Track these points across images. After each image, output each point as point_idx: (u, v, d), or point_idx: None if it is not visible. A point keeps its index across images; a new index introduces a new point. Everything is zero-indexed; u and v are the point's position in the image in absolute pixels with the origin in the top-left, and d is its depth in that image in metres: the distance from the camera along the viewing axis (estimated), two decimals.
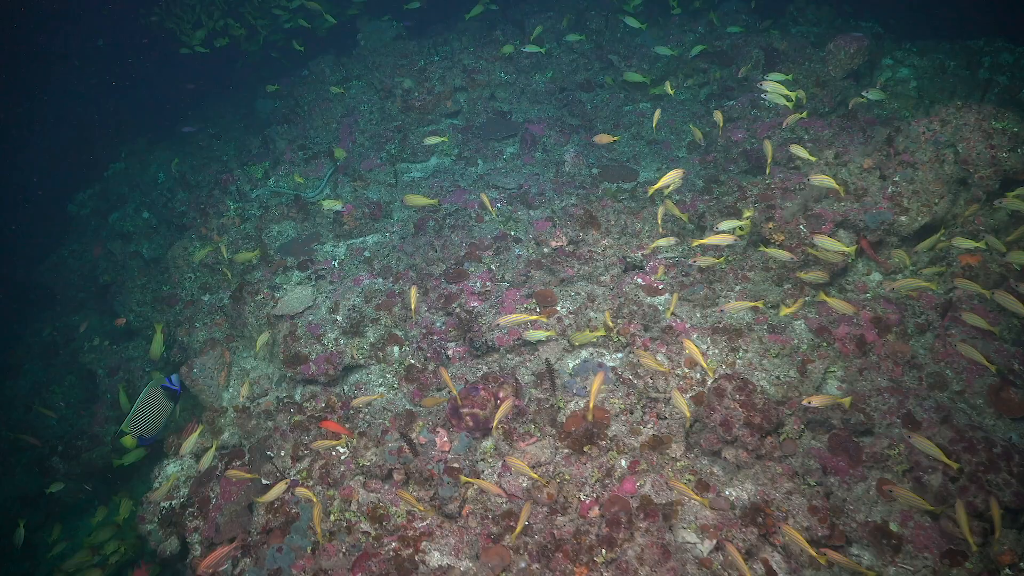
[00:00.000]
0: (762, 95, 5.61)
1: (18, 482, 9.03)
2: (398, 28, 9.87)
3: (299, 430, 4.63)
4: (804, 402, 3.87)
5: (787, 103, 5.40)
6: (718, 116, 5.75)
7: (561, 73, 8.55)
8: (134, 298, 8.18)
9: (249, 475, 4.20)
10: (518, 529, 3.46)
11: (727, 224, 4.86)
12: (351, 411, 4.78)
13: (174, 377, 5.21)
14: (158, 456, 5.45)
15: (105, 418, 7.74)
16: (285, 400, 5.24)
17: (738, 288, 5.23)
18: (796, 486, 3.99)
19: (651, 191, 5.33)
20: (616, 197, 6.48)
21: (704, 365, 4.08)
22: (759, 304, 4.41)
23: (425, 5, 10.77)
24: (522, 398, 4.45)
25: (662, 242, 5.04)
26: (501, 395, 4.31)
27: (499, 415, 3.88)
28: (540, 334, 4.73)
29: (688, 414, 3.91)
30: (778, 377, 4.64)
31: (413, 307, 4.92)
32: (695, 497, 3.54)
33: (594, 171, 7.12)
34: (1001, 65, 7.82)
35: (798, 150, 5.17)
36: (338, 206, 6.35)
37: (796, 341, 4.79)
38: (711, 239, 4.94)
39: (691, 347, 4.11)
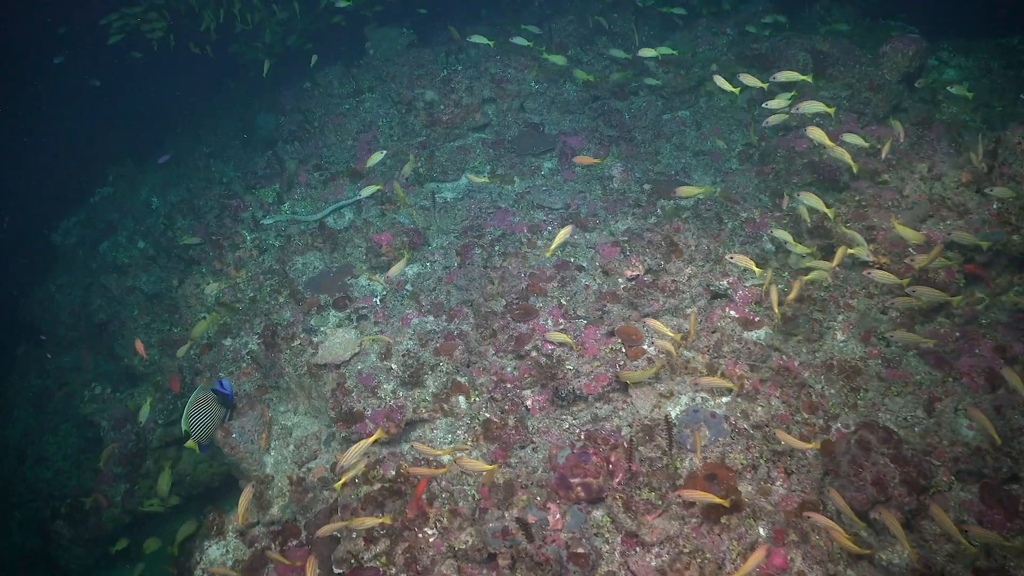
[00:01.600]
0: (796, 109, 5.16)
1: (13, 540, 8.22)
2: (409, 35, 9.25)
3: (371, 505, 4.02)
4: None
5: (851, 164, 4.94)
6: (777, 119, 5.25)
7: (593, 80, 8.03)
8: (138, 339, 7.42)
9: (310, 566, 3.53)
10: None
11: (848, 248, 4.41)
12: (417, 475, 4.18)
13: (225, 382, 4.86)
14: (197, 535, 4.77)
15: (113, 476, 6.97)
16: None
17: (841, 318, 4.77)
18: (957, 547, 3.54)
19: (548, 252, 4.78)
20: (679, 216, 5.99)
21: None
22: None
23: (428, 11, 10.21)
24: (634, 459, 3.91)
25: (739, 259, 4.52)
26: (613, 459, 3.76)
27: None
28: (637, 375, 4.19)
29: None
30: (905, 419, 4.19)
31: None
32: None
33: (646, 187, 6.62)
34: None
35: (842, 154, 4.79)
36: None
37: (918, 376, 4.35)
38: (817, 263, 4.47)
39: None
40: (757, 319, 4.78)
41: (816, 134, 4.95)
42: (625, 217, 6.19)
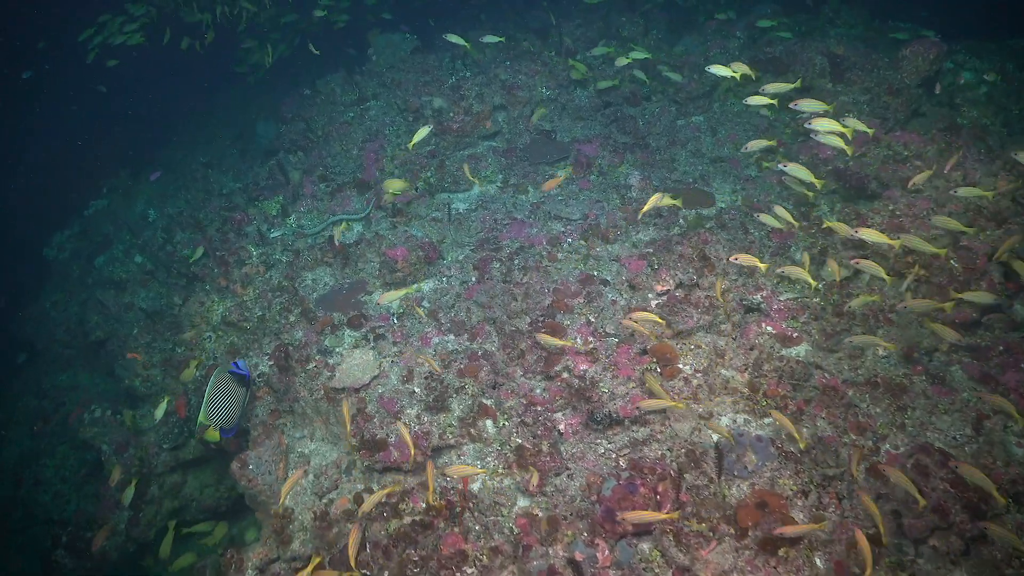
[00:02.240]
0: (813, 135, 4.94)
1: (12, 567, 7.92)
2: (412, 41, 9.04)
3: (404, 542, 3.80)
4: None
5: (845, 147, 4.77)
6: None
7: (605, 86, 7.85)
8: (138, 360, 7.15)
9: None
10: None
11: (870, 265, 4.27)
12: (463, 505, 3.97)
13: (240, 362, 4.78)
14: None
15: (115, 502, 6.69)
16: (364, 494, 4.39)
17: (880, 332, 4.61)
18: (1018, 572, 3.39)
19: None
20: (702, 226, 5.83)
21: None
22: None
23: (428, 16, 10.00)
24: (681, 489, 3.73)
25: (791, 270, 4.37)
26: (660, 490, 3.58)
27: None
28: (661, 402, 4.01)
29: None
30: (954, 438, 4.04)
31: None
32: None
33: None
34: None
35: (830, 139, 4.63)
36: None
37: (965, 393, 4.20)
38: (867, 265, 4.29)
39: None
40: (795, 335, 4.61)
41: (821, 123, 4.77)
42: (647, 227, 6.02)
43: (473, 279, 5.80)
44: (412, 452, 4.23)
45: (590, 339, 4.76)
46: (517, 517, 3.80)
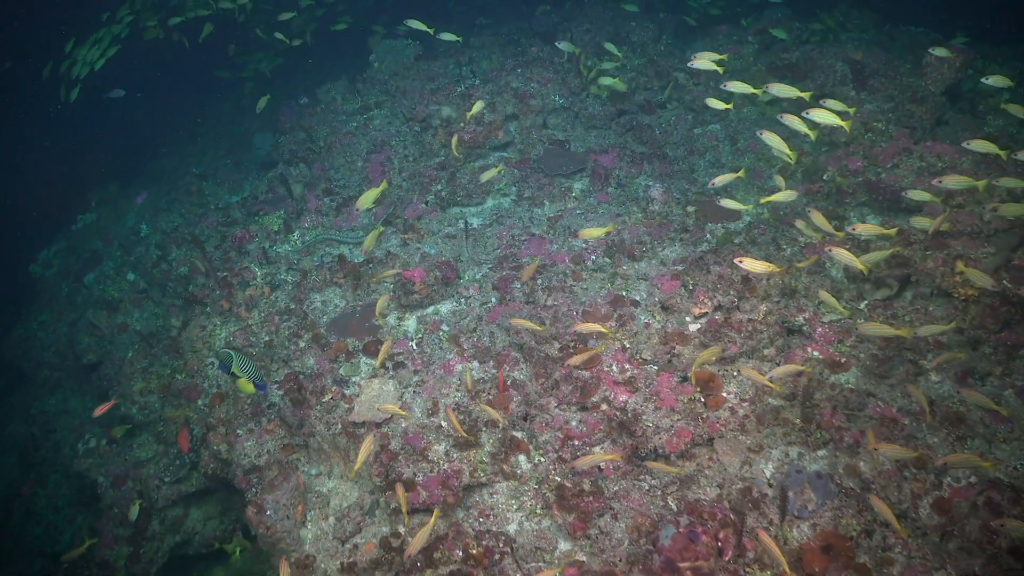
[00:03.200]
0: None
1: None
2: (415, 47, 8.74)
3: None
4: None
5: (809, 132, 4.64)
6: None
7: (618, 94, 7.61)
8: (135, 386, 6.78)
9: None
10: None
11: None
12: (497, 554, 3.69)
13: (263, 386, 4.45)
14: None
15: (114, 537, 6.32)
16: (391, 538, 4.09)
17: (930, 355, 4.40)
18: None
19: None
20: (732, 242, 5.59)
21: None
22: None
23: (428, 22, 9.68)
24: (741, 533, 3.48)
25: (824, 296, 4.15)
26: (722, 536, 3.32)
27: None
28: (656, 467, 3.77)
29: None
30: (1015, 468, 3.83)
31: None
32: None
33: (689, 208, 6.21)
34: None
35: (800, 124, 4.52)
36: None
37: None
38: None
39: None
40: (843, 360, 4.39)
41: (787, 119, 4.72)
42: (673, 243, 5.77)
43: (494, 300, 5.52)
44: (459, 429, 4.07)
45: (627, 366, 4.50)
46: (565, 568, 3.53)
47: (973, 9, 9.37)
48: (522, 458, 4.32)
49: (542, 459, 4.24)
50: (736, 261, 4.06)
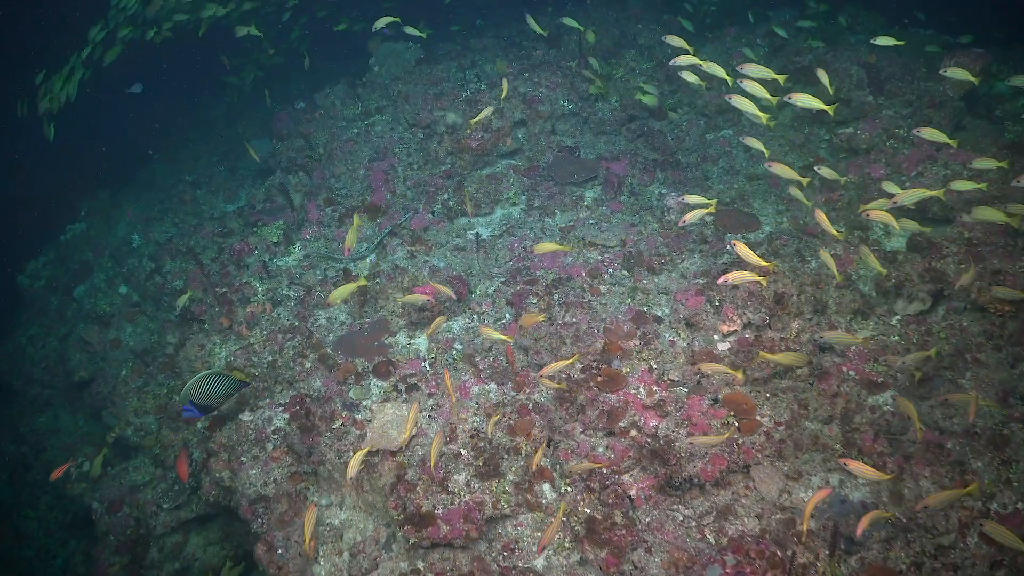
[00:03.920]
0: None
1: None
2: (417, 50, 8.50)
3: None
4: None
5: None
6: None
7: (632, 99, 7.41)
8: (129, 405, 6.50)
9: None
10: None
11: None
12: None
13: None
14: None
15: (110, 565, 6.04)
16: (410, 575, 3.87)
17: (969, 375, 4.23)
18: None
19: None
20: (754, 252, 5.40)
21: None
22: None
23: (426, 22, 9.43)
24: (790, 571, 3.28)
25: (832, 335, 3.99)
26: None
27: None
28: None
29: None
30: None
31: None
32: None
33: (707, 219, 6.01)
34: None
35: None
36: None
37: None
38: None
39: None
40: (880, 379, 4.20)
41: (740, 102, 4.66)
42: (692, 255, 5.58)
43: (508, 316, 5.30)
44: (454, 399, 4.25)
45: (655, 388, 4.30)
46: None
47: (979, 11, 9.27)
48: (547, 487, 4.10)
49: (569, 488, 4.03)
50: (730, 244, 3.95)
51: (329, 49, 9.73)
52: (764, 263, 3.98)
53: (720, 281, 3.92)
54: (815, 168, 5.38)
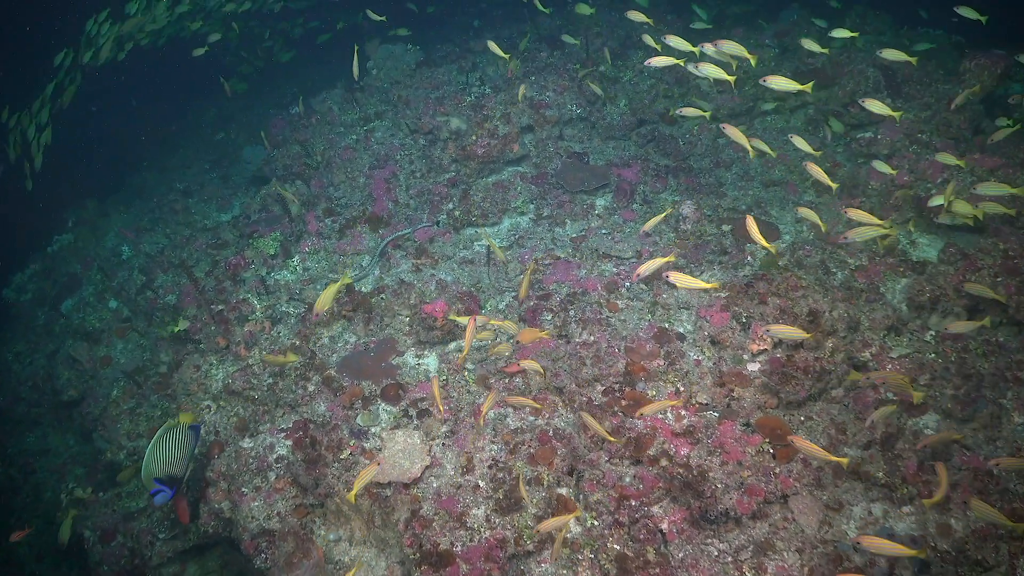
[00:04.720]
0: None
1: None
2: (416, 52, 8.23)
3: None
4: None
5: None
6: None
7: (641, 103, 7.19)
8: (121, 428, 6.20)
9: None
10: None
11: None
12: None
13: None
14: None
15: None
16: None
17: (1010, 394, 4.03)
18: None
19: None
20: (776, 265, 5.19)
21: None
22: None
23: (426, 24, 9.19)
24: None
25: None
26: None
27: None
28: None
29: None
30: None
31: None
32: None
33: (725, 228, 5.80)
34: None
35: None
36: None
37: None
38: None
39: None
40: (920, 402, 4.00)
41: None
42: (712, 267, 5.36)
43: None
44: (440, 408, 4.15)
45: (683, 413, 4.07)
46: None
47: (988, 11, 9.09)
48: (572, 521, 3.86)
49: (595, 522, 3.79)
50: (764, 330, 3.72)
51: (324, 52, 9.44)
52: (806, 334, 3.73)
53: (762, 331, 3.75)
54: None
